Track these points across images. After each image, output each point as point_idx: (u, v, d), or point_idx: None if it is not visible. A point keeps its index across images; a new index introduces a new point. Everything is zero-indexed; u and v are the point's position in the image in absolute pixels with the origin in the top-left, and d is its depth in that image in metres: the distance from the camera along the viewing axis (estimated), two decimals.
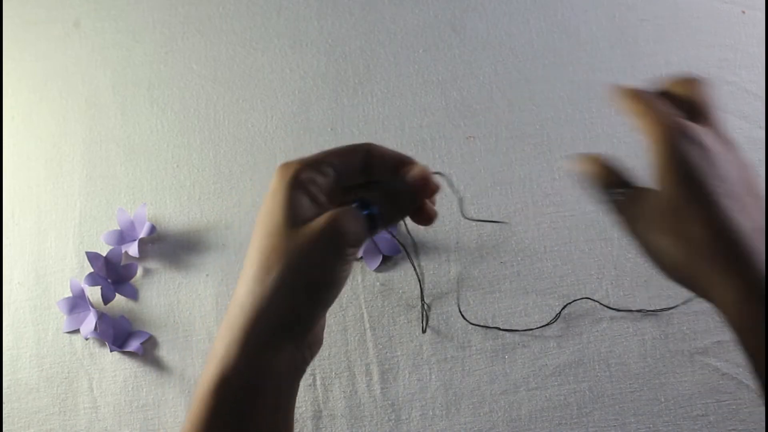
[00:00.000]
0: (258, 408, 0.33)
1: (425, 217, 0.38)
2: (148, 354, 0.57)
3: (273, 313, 0.34)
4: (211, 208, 0.61)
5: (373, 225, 0.35)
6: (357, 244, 0.34)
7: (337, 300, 0.56)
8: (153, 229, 0.59)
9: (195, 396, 0.34)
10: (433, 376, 0.55)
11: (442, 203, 0.59)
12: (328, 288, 0.34)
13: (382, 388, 0.55)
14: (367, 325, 0.56)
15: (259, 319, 0.34)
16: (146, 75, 0.65)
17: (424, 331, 0.56)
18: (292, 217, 0.34)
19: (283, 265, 0.33)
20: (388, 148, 0.38)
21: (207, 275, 0.59)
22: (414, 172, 0.37)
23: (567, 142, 0.61)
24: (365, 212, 0.35)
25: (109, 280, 0.58)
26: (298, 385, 0.36)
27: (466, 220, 0.59)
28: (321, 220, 0.34)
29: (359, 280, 0.58)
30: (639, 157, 0.60)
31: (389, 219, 0.36)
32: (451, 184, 0.57)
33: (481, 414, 0.54)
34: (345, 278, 0.35)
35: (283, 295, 0.33)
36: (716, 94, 0.38)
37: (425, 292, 0.57)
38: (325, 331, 0.39)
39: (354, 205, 0.35)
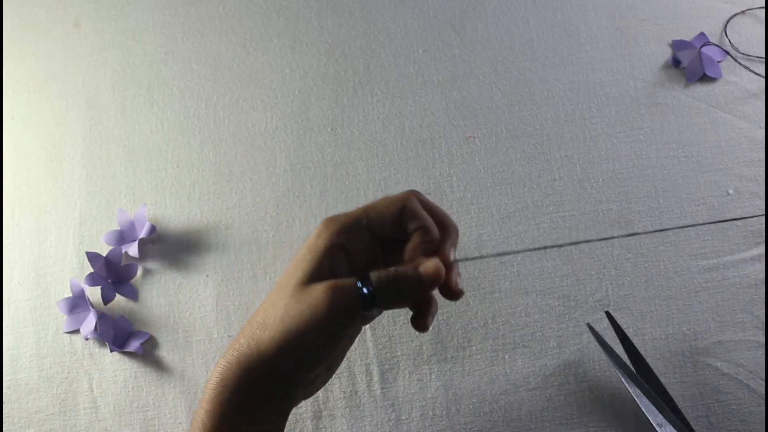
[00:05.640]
0: None
1: (449, 294, 0.37)
2: (148, 354, 0.57)
3: (258, 377, 0.34)
4: (211, 208, 0.61)
5: (369, 304, 0.34)
6: (345, 320, 0.33)
7: None
8: (153, 229, 0.59)
9: None
10: (433, 376, 0.55)
11: (442, 203, 0.59)
12: (311, 355, 0.34)
13: (382, 388, 0.55)
14: (367, 325, 0.56)
15: (238, 387, 0.34)
16: (146, 75, 0.65)
17: None
18: (311, 274, 0.34)
19: (277, 327, 0.33)
20: (428, 203, 0.37)
21: (207, 276, 0.59)
22: (428, 267, 0.35)
23: (567, 142, 0.61)
24: (365, 290, 0.33)
25: (109, 281, 0.58)
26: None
27: (466, 219, 0.59)
28: (318, 289, 0.33)
29: None
30: (638, 157, 0.60)
31: (386, 304, 0.34)
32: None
33: (481, 414, 0.54)
34: (334, 346, 0.34)
35: (270, 358, 0.33)
36: None
37: None
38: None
39: (358, 281, 0.34)
